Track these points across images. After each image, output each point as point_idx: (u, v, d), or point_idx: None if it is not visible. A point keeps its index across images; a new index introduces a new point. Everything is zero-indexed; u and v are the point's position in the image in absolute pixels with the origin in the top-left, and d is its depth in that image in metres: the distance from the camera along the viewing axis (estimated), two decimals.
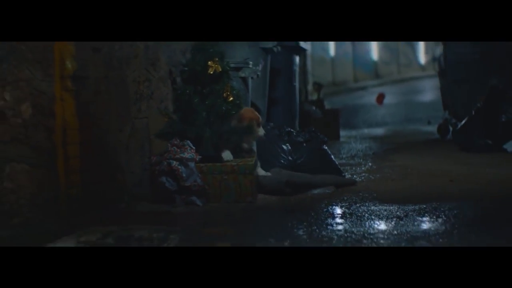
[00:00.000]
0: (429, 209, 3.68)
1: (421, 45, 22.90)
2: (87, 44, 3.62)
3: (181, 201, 3.99)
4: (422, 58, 23.28)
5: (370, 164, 6.01)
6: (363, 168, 5.70)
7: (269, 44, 5.79)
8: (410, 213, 3.62)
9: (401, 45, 22.75)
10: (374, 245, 2.93)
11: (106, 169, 3.88)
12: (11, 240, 3.03)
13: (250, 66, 5.27)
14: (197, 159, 4.10)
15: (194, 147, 4.14)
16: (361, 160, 6.35)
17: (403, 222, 3.40)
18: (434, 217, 3.51)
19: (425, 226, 3.35)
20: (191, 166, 4.04)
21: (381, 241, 3.01)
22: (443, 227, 3.25)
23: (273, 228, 3.49)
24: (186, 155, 4.05)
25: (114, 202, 3.87)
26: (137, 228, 3.30)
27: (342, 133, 9.18)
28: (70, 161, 3.50)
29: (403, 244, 2.95)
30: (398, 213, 3.65)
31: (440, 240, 2.97)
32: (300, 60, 7.69)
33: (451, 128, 7.88)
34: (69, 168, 3.50)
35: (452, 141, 7.44)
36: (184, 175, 3.99)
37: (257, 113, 4.73)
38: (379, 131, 10.05)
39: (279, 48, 5.96)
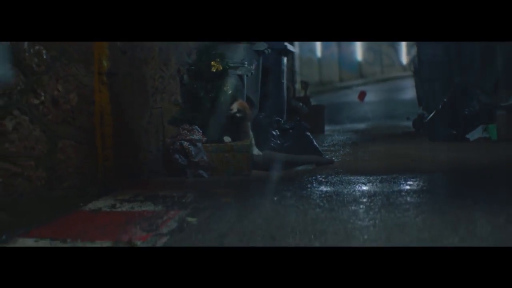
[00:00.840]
0: (388, 179, 4.42)
1: (403, 47, 23.18)
2: (117, 47, 4.40)
3: (191, 174, 4.71)
4: (404, 59, 23.49)
5: (347, 150, 6.72)
6: (341, 153, 6.39)
7: (261, 47, 6.37)
8: (372, 180, 4.38)
9: (384, 46, 23.05)
10: (340, 199, 3.75)
11: (131, 148, 4.62)
12: (64, 199, 3.84)
13: (246, 65, 5.81)
14: (204, 140, 4.86)
15: (201, 131, 4.91)
16: (341, 147, 7.01)
17: (365, 186, 4.20)
18: (391, 183, 4.26)
19: (381, 186, 4.13)
20: (198, 145, 4.77)
21: (346, 196, 3.81)
22: (395, 188, 4.04)
23: (265, 190, 4.26)
24: (195, 136, 4.78)
25: (137, 174, 4.65)
26: (161, 189, 4.14)
27: (327, 127, 9.82)
28: (105, 139, 4.16)
29: (361, 192, 3.72)
30: (363, 180, 4.41)
31: (393, 192, 3.82)
32: (288, 60, 8.19)
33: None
34: (104, 145, 4.15)
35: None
36: (193, 153, 4.72)
37: (249, 108, 5.46)
38: (361, 126, 10.64)
39: (269, 50, 6.55)
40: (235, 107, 5.18)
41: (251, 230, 3.05)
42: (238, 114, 5.17)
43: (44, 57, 3.76)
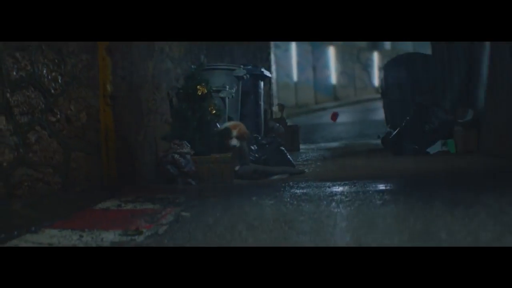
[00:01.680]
0: (349, 183, 5.15)
1: (375, 70, 24.16)
2: (119, 74, 5.13)
3: (181, 182, 5.41)
4: (376, 82, 24.23)
5: (318, 163, 7.46)
6: (312, 166, 7.10)
7: (241, 73, 7.09)
8: (336, 184, 5.14)
9: (358, 70, 24.00)
10: (307, 198, 4.52)
11: (130, 160, 5.34)
12: (77, 201, 4.53)
13: (227, 89, 6.57)
14: (192, 153, 5.57)
15: (189, 145, 5.63)
16: (313, 162, 7.71)
17: (329, 189, 4.94)
18: (350, 185, 4.99)
19: (342, 189, 4.86)
20: (187, 158, 5.48)
21: (312, 196, 4.56)
22: (353, 189, 4.78)
23: (247, 193, 5.00)
24: (184, 150, 5.49)
25: (135, 181, 5.36)
26: (157, 193, 4.87)
27: (302, 146, 10.37)
28: (110, 152, 4.81)
29: (326, 194, 4.47)
30: (328, 184, 5.15)
31: (350, 193, 4.55)
32: (265, 85, 8.91)
33: None
34: (109, 156, 4.81)
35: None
36: (183, 164, 5.42)
37: (246, 130, 6.19)
38: (334, 144, 11.24)
39: (248, 75, 7.25)
40: (234, 136, 5.95)
41: (234, 220, 3.72)
42: (237, 145, 5.93)
43: (59, 82, 4.48)
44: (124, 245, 3.19)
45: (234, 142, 6.00)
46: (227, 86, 6.68)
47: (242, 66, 7.56)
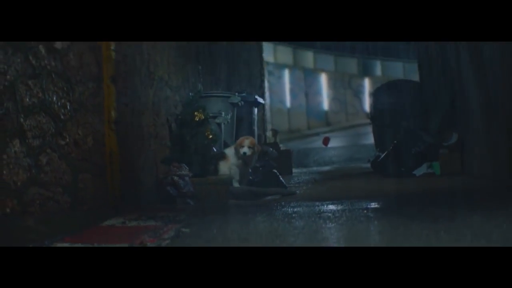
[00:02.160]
0: (336, 202, 5.47)
1: (366, 97, 24.58)
2: (122, 101, 5.48)
3: (180, 202, 5.73)
4: (367, 107, 24.42)
5: (309, 185, 7.78)
6: (304, 188, 7.43)
7: (236, 100, 7.42)
8: (325, 203, 5.45)
9: (349, 96, 24.40)
10: (297, 215, 4.85)
11: (133, 181, 5.66)
12: (85, 218, 4.85)
13: (223, 115, 6.91)
14: (190, 175, 5.95)
15: (187, 168, 6.01)
16: (304, 184, 8.02)
17: (317, 207, 5.26)
18: (338, 205, 5.30)
19: (331, 207, 5.16)
20: (186, 179, 5.82)
21: (302, 213, 4.89)
22: (340, 208, 5.09)
23: (242, 211, 5.34)
24: (183, 172, 5.84)
25: (138, 202, 5.68)
26: (158, 212, 5.20)
27: (295, 170, 10.66)
28: (114, 173, 5.10)
29: (315, 212, 4.80)
30: (317, 203, 5.47)
31: (337, 210, 4.87)
32: (259, 110, 9.19)
33: None
34: (113, 178, 5.11)
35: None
36: (182, 185, 5.76)
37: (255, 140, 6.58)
38: (325, 168, 11.51)
39: (242, 102, 7.56)
40: (246, 144, 6.34)
41: (230, 235, 4.07)
42: (248, 153, 6.31)
43: (68, 108, 4.82)
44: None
45: (245, 150, 6.37)
46: (223, 112, 7.03)
47: (237, 93, 7.85)
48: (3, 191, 4.22)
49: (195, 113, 6.28)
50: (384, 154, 8.96)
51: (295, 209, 5.23)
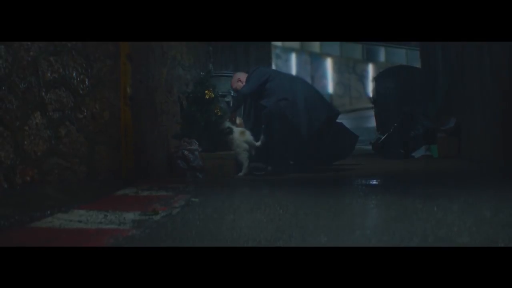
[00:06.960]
0: (338, 180, 5.72)
1: (370, 82, 24.43)
2: (137, 78, 5.57)
3: (190, 175, 5.86)
4: (370, 92, 24.44)
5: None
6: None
7: None
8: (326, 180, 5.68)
9: (353, 81, 24.40)
10: (301, 189, 4.99)
11: (145, 154, 5.77)
12: (100, 188, 4.97)
13: (232, 94, 7.06)
14: (199, 150, 6.06)
15: (197, 142, 6.12)
16: None
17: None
18: (340, 182, 5.55)
19: (333, 184, 5.39)
20: (196, 154, 5.93)
21: (308, 180, 5.06)
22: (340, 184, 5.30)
23: (247, 184, 5.48)
24: (193, 147, 5.95)
25: (149, 175, 5.80)
26: (169, 183, 5.32)
27: None
28: (128, 146, 5.17)
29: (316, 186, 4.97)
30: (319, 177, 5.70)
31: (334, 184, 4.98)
32: None
33: None
34: (127, 150, 5.18)
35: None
36: (191, 159, 5.88)
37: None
38: None
39: None
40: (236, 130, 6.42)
41: (236, 204, 4.19)
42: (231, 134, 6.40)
43: (87, 83, 4.93)
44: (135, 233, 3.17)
45: (228, 124, 6.41)
46: (232, 91, 7.08)
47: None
48: (24, 160, 4.35)
49: (206, 91, 6.34)
50: (384, 136, 9.06)
51: (302, 185, 5.34)
